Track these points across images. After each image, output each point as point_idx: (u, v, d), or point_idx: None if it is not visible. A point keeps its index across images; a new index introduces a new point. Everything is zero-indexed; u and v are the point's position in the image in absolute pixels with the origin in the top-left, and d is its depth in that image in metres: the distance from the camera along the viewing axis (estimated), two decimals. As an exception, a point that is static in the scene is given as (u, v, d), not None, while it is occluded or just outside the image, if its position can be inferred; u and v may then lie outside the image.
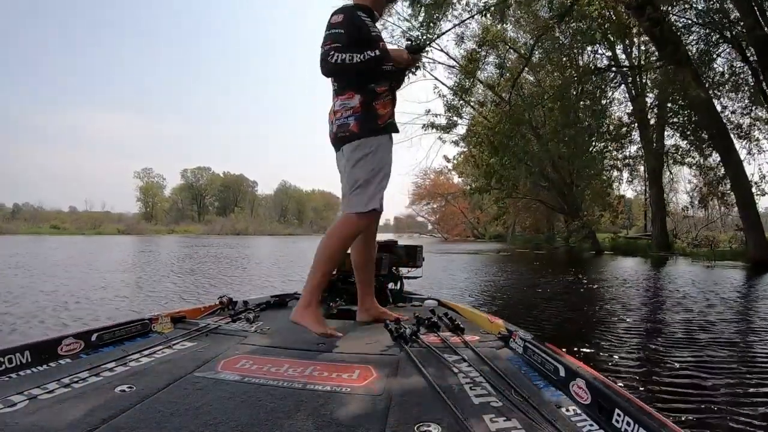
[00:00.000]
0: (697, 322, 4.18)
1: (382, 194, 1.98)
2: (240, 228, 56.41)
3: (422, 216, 51.61)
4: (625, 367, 2.80)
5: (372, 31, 1.99)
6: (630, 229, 21.19)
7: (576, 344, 3.19)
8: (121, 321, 1.83)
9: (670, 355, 3.06)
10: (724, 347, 3.30)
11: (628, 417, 1.02)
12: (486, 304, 5.28)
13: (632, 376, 2.62)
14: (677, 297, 5.87)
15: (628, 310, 4.89)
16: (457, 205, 40.12)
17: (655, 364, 2.86)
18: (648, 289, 6.99)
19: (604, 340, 3.44)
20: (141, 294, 5.80)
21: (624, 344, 3.36)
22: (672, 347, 3.27)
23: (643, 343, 3.42)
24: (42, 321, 3.98)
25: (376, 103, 1.98)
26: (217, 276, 8.23)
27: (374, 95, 1.98)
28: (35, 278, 7.34)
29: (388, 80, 2.03)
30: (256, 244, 24.48)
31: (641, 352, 3.16)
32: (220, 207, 72.85)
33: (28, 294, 5.54)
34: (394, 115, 2.09)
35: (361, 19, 1.97)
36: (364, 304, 2.22)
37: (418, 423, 1.06)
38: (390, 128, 2.03)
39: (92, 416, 1.05)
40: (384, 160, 1.99)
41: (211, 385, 1.28)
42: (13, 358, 1.38)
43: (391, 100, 2.06)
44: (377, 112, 1.98)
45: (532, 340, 1.62)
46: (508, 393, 1.23)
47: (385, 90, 2.01)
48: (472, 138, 17.01)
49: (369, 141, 1.96)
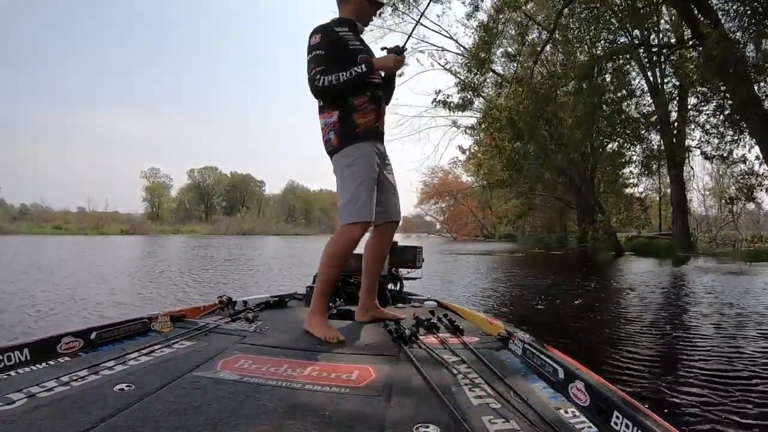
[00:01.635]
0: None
1: (368, 205, 2.01)
2: (246, 228, 56.24)
3: (430, 215, 51.14)
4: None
5: (351, 45, 2.04)
6: (643, 229, 20.02)
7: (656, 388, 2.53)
8: (120, 320, 1.83)
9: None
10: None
11: (627, 419, 1.02)
12: (517, 318, 4.36)
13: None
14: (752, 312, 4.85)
15: (699, 332, 3.98)
16: (466, 204, 39.43)
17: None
18: (709, 302, 5.80)
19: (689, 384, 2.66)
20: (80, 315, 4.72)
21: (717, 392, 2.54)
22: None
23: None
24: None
25: (355, 114, 2.03)
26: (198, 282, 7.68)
27: (352, 108, 2.02)
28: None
29: (366, 91, 2.04)
30: (257, 245, 24.20)
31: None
32: (228, 207, 72.83)
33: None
34: (377, 122, 2.09)
35: (338, 34, 2.03)
36: (364, 305, 2.24)
37: (417, 424, 1.06)
38: (369, 135, 2.05)
39: (91, 415, 1.05)
40: (365, 170, 2.02)
41: (210, 385, 1.28)
42: (12, 355, 1.38)
43: (374, 110, 2.06)
44: (355, 122, 2.03)
45: (531, 341, 1.62)
46: (507, 394, 1.23)
47: (365, 101, 2.04)
48: (490, 123, 15.00)
49: (348, 150, 2.02)
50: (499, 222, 27.08)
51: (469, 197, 37.23)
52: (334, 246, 2.03)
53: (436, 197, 43.42)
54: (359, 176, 2.00)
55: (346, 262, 2.07)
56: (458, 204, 41.15)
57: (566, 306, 5.26)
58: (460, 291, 6.30)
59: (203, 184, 74.29)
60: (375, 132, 2.07)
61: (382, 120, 2.13)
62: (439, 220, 49.72)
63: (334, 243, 2.04)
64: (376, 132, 2.08)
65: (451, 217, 44.57)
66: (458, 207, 41.78)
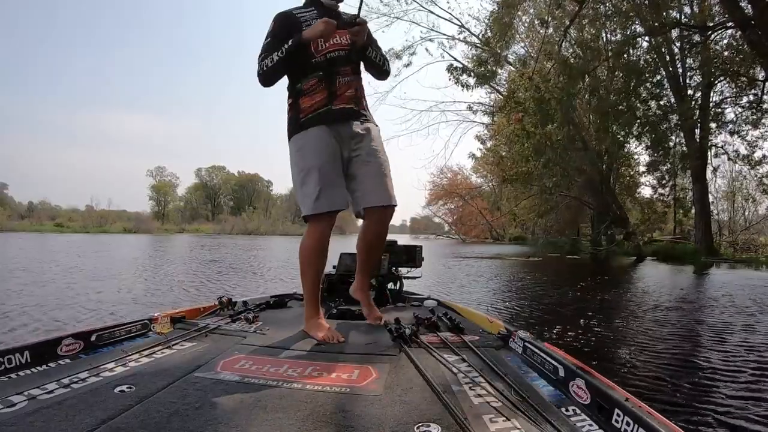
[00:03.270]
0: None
1: (322, 196, 1.87)
2: (252, 227, 56.33)
3: (439, 217, 50.44)
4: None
5: (301, 20, 1.90)
6: (653, 232, 18.99)
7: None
8: (120, 321, 1.82)
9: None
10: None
11: (628, 417, 1.02)
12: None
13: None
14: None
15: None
16: (475, 205, 38.29)
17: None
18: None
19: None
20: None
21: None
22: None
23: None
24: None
25: (301, 99, 1.93)
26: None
27: (300, 92, 1.93)
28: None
29: (317, 71, 1.90)
30: (259, 245, 23.33)
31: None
32: (235, 206, 72.95)
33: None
34: (330, 103, 1.91)
35: (295, 17, 1.92)
36: (357, 284, 2.21)
37: (418, 423, 1.06)
38: (316, 120, 1.90)
39: (92, 416, 1.06)
40: (308, 159, 1.89)
41: (210, 386, 1.29)
42: (13, 358, 1.38)
43: (324, 89, 1.91)
44: (300, 107, 1.93)
45: (531, 339, 1.62)
46: (508, 393, 1.24)
47: (314, 83, 1.91)
48: (516, 104, 13.32)
49: (294, 139, 1.94)
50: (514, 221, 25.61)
51: (478, 198, 36.62)
52: (302, 244, 1.96)
53: (445, 198, 42.89)
54: (303, 167, 1.90)
55: (321, 260, 1.97)
56: (467, 205, 40.56)
57: (625, 331, 4.13)
58: (490, 307, 5.25)
59: (210, 183, 74.61)
60: (326, 114, 1.91)
61: (342, 99, 1.94)
62: (447, 222, 48.82)
63: (303, 241, 1.96)
64: (326, 114, 1.91)
65: (461, 218, 43.82)
66: (467, 208, 41.18)
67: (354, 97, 1.97)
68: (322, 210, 1.87)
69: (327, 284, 2.71)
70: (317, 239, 1.92)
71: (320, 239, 1.92)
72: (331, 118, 1.90)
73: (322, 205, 1.87)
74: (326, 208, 1.87)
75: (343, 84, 1.94)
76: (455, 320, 1.99)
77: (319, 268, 1.96)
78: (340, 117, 1.92)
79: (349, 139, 1.95)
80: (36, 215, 50.09)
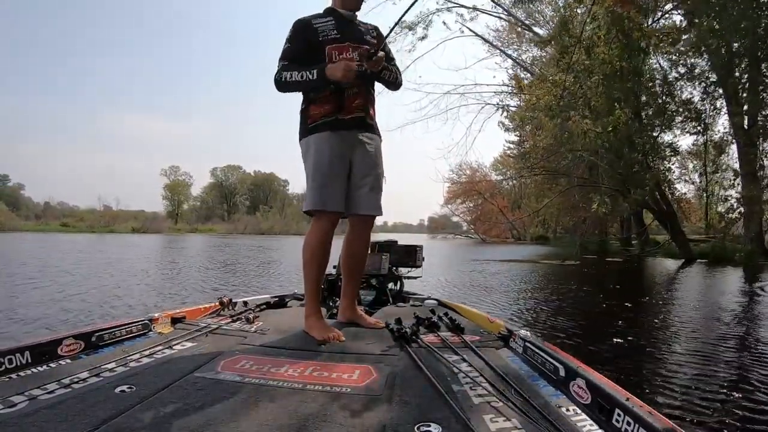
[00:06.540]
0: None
1: (325, 194, 1.98)
2: (265, 227, 56.42)
3: (457, 215, 49.47)
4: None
5: (321, 37, 1.99)
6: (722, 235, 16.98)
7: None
8: (121, 321, 1.84)
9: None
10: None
11: (629, 417, 1.02)
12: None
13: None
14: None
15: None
16: (495, 203, 37.05)
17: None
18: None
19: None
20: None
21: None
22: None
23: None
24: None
25: (312, 105, 2.03)
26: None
27: (311, 101, 2.04)
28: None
29: (328, 85, 1.98)
30: (260, 245, 22.10)
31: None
32: (251, 206, 73.15)
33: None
34: (338, 113, 2.01)
35: (312, 26, 2.01)
36: (342, 304, 2.25)
37: (419, 423, 1.07)
38: (324, 127, 2.01)
39: (92, 417, 1.07)
40: (316, 160, 2.00)
41: (211, 386, 1.30)
42: (14, 358, 1.39)
43: (334, 100, 2.01)
44: (310, 113, 2.04)
45: (532, 339, 1.63)
46: (509, 393, 1.24)
47: (325, 95, 2.00)
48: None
49: (303, 142, 2.05)
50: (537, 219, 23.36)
51: (498, 196, 35.45)
52: (306, 240, 2.06)
53: (463, 196, 41.91)
54: (311, 166, 2.02)
55: (323, 256, 2.04)
56: (486, 203, 39.37)
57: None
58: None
59: (226, 183, 74.95)
60: (333, 123, 2.01)
61: (350, 109, 2.02)
62: (466, 221, 47.16)
63: (306, 237, 2.07)
64: (334, 123, 2.01)
65: (480, 217, 42.35)
66: (486, 206, 39.95)
67: (362, 107, 2.06)
68: (322, 207, 1.98)
69: (327, 284, 2.73)
70: (319, 235, 2.02)
71: (322, 236, 2.02)
72: (338, 126, 2.01)
73: (323, 203, 1.98)
74: (324, 206, 1.98)
75: (352, 95, 2.03)
76: (456, 320, 2.01)
77: (321, 264, 2.05)
78: (347, 125, 2.02)
79: (352, 147, 2.05)
80: (50, 214, 50.34)
